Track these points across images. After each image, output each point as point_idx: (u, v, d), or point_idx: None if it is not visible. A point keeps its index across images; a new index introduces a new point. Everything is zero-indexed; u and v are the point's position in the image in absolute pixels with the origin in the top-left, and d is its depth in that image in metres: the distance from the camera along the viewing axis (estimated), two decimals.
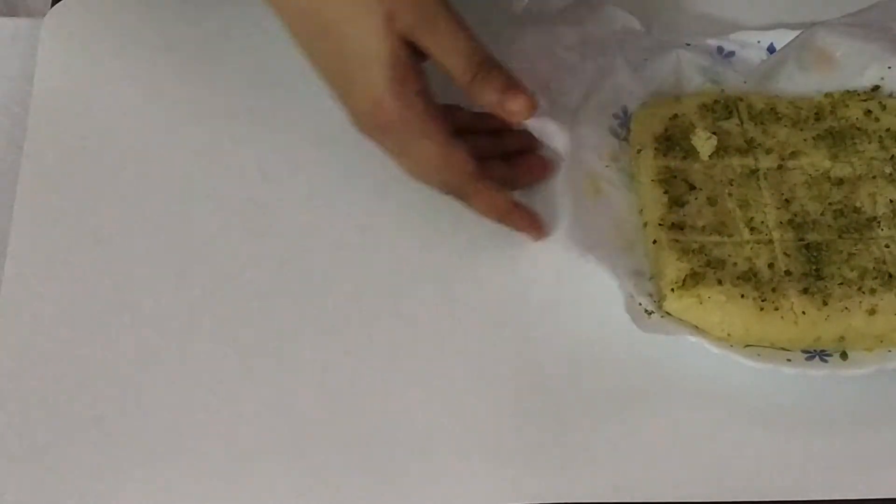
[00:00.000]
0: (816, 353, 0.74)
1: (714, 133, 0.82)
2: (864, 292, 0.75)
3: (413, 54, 0.74)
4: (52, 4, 0.93)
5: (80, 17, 0.92)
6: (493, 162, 0.81)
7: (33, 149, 0.86)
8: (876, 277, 0.76)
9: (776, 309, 0.74)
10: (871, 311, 0.74)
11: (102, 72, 0.90)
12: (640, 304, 0.75)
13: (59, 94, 0.88)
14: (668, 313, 0.75)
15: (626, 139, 0.84)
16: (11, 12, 1.16)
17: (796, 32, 0.87)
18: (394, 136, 0.76)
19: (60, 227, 0.83)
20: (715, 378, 0.76)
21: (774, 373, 0.74)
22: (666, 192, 0.80)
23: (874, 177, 0.81)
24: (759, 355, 0.74)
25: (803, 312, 0.74)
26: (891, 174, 0.81)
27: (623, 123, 0.84)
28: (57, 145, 0.86)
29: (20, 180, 0.84)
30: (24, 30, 0.94)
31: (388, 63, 0.73)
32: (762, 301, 0.74)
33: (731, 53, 0.87)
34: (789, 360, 0.74)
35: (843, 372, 0.74)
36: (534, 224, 0.80)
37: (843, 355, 0.74)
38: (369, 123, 0.76)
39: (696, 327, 0.75)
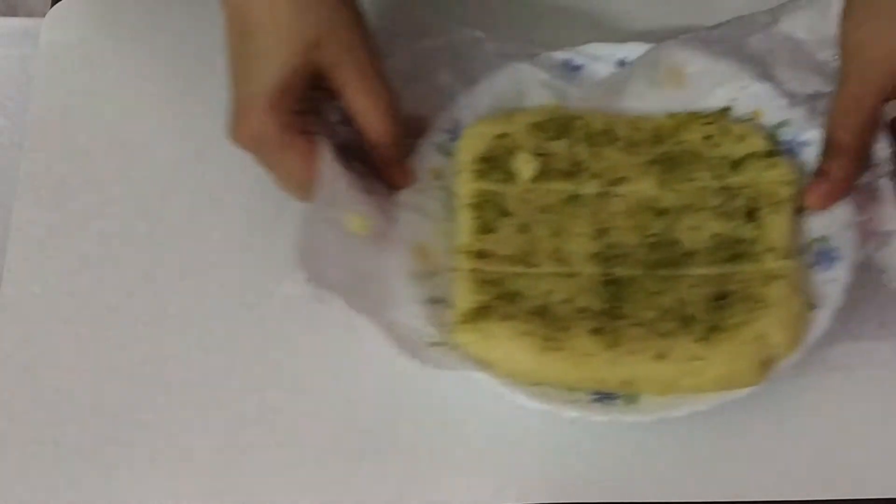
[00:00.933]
0: (604, 396, 0.72)
1: (541, 154, 0.79)
2: (656, 336, 0.72)
3: (311, 84, 0.75)
4: (52, 4, 0.93)
5: (79, 17, 0.92)
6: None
7: (33, 148, 0.87)
8: (674, 320, 0.72)
9: (560, 350, 0.72)
10: (660, 357, 0.71)
11: (102, 72, 0.90)
12: (426, 336, 0.73)
13: (59, 93, 0.89)
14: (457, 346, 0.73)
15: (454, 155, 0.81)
16: (11, 12, 1.18)
17: (649, 46, 0.83)
18: (259, 149, 0.76)
19: (60, 227, 0.84)
20: None
21: (556, 415, 0.72)
22: (477, 218, 0.77)
23: (701, 208, 0.77)
24: (542, 395, 0.72)
25: (588, 354, 0.71)
26: (718, 206, 0.77)
27: (454, 138, 0.81)
28: (56, 145, 0.87)
29: (20, 180, 0.85)
30: (23, 30, 0.96)
31: (281, 78, 0.74)
32: (546, 340, 0.72)
33: (580, 67, 0.84)
34: (574, 401, 0.72)
35: (627, 417, 0.71)
36: None
37: (631, 399, 0.72)
38: (236, 130, 0.75)
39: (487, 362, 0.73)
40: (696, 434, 0.74)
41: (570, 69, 0.84)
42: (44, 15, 0.92)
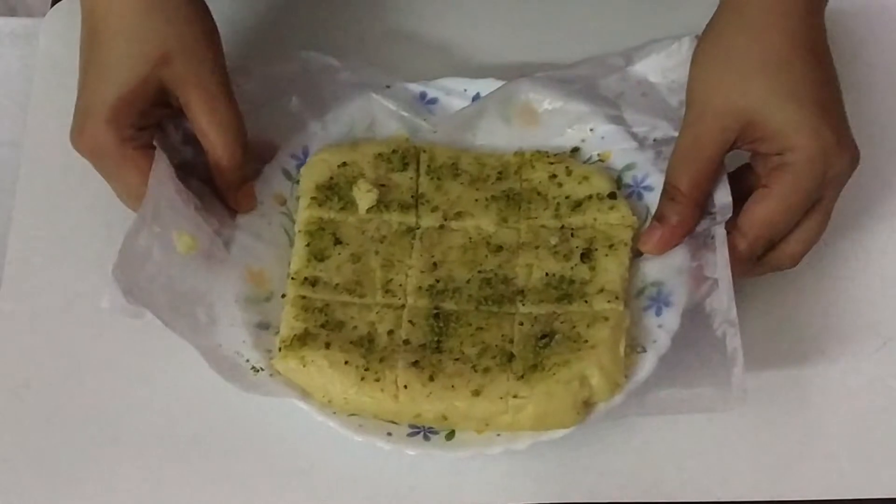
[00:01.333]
0: (422, 430, 0.71)
1: (383, 185, 0.79)
2: (476, 371, 0.71)
3: (156, 99, 0.75)
4: (52, 4, 0.93)
5: (79, 17, 0.90)
6: None
7: (33, 148, 0.87)
8: (495, 356, 0.72)
9: (377, 380, 0.71)
10: (476, 393, 0.71)
11: None
12: (248, 361, 0.73)
13: (58, 93, 0.87)
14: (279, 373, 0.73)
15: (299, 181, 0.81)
16: (10, 12, 1.17)
17: (503, 82, 0.83)
18: (97, 160, 0.76)
19: (59, 226, 0.84)
20: None
21: (373, 446, 0.71)
22: (308, 245, 0.77)
23: (537, 247, 0.77)
24: (360, 426, 0.71)
25: (405, 387, 0.71)
26: (555, 246, 0.77)
27: (301, 165, 0.81)
28: (56, 145, 0.85)
29: (20, 179, 0.85)
30: (23, 30, 0.94)
31: (124, 91, 0.73)
32: (365, 370, 0.71)
33: (434, 100, 0.83)
34: (390, 433, 0.71)
35: (441, 452, 0.71)
36: None
37: (450, 435, 0.71)
38: (76, 138, 0.75)
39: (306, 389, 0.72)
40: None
41: (425, 102, 0.83)
42: (43, 15, 0.93)
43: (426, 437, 0.71)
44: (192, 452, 0.76)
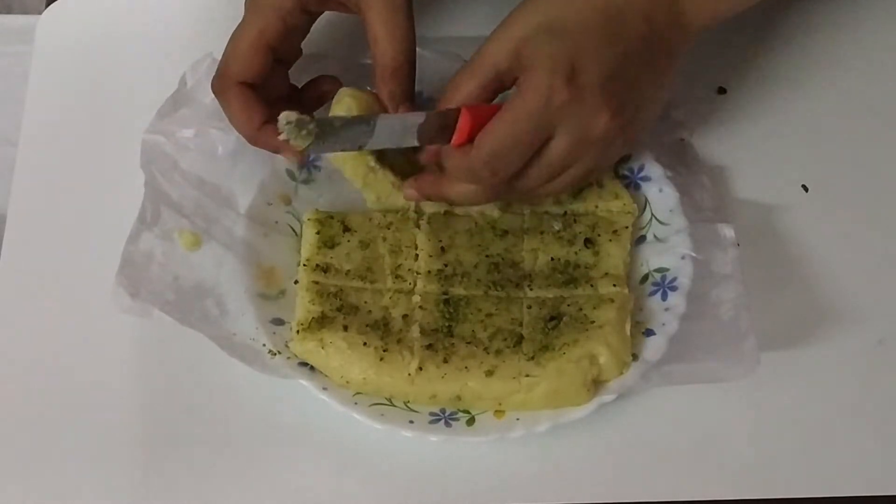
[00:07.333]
0: (444, 417, 0.73)
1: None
2: (488, 353, 0.73)
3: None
4: (48, 2, 0.93)
5: (75, 14, 0.92)
6: None
7: (28, 146, 0.86)
8: (506, 339, 0.74)
9: (395, 361, 0.73)
10: (489, 373, 0.73)
11: (97, 70, 0.90)
12: (264, 345, 0.74)
13: (54, 91, 0.89)
14: (296, 356, 0.74)
15: (305, 182, 0.82)
16: (6, 10, 1.17)
17: None
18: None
19: (55, 225, 0.83)
20: None
21: (395, 434, 0.72)
22: (318, 233, 0.78)
23: (542, 232, 0.79)
24: (382, 415, 0.72)
25: (420, 368, 0.73)
26: (559, 231, 0.79)
27: (301, 166, 0.82)
28: (52, 143, 0.87)
29: (15, 178, 0.85)
30: (19, 27, 0.95)
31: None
32: (383, 351, 0.73)
33: (430, 99, 0.84)
34: (412, 421, 0.72)
35: (464, 438, 0.72)
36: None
37: (471, 421, 0.73)
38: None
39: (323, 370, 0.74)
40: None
41: (422, 101, 0.84)
42: (39, 13, 0.93)
43: (447, 424, 0.73)
44: (198, 445, 0.76)
